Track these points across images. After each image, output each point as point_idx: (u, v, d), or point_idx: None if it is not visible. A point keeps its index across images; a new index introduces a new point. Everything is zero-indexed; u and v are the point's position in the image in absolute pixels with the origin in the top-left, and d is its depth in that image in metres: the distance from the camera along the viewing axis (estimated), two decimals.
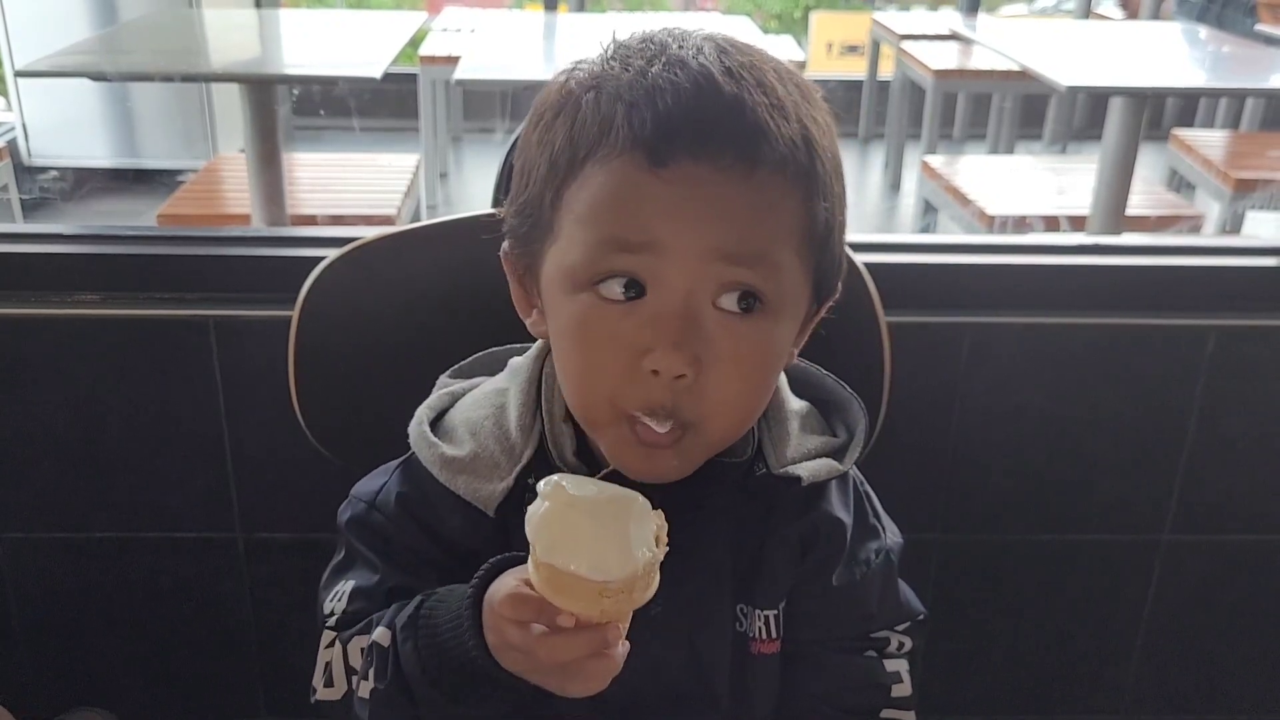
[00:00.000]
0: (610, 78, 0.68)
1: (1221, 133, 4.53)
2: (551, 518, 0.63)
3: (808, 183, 0.69)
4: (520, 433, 0.78)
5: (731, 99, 0.66)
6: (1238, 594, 1.49)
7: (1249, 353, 1.34)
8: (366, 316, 1.00)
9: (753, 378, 0.72)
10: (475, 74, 2.88)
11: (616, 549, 0.63)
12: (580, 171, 0.68)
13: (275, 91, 2.58)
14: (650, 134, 0.65)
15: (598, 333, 0.69)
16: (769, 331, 0.71)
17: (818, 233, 0.70)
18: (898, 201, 4.86)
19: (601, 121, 0.67)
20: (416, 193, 3.23)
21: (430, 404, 0.84)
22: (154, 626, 1.42)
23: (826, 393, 0.87)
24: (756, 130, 0.66)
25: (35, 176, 4.32)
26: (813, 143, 0.69)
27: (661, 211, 0.66)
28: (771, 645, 0.84)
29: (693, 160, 0.65)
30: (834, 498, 0.85)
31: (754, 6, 7.34)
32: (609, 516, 0.64)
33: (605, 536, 0.63)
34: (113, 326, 1.26)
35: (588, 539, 0.63)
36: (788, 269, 0.70)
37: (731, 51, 0.69)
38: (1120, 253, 1.38)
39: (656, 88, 0.66)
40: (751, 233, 0.67)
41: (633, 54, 0.69)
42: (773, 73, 0.69)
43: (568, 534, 0.63)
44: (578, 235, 0.69)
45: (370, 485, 0.84)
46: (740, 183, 0.66)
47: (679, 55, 0.68)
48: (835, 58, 6.46)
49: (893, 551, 0.88)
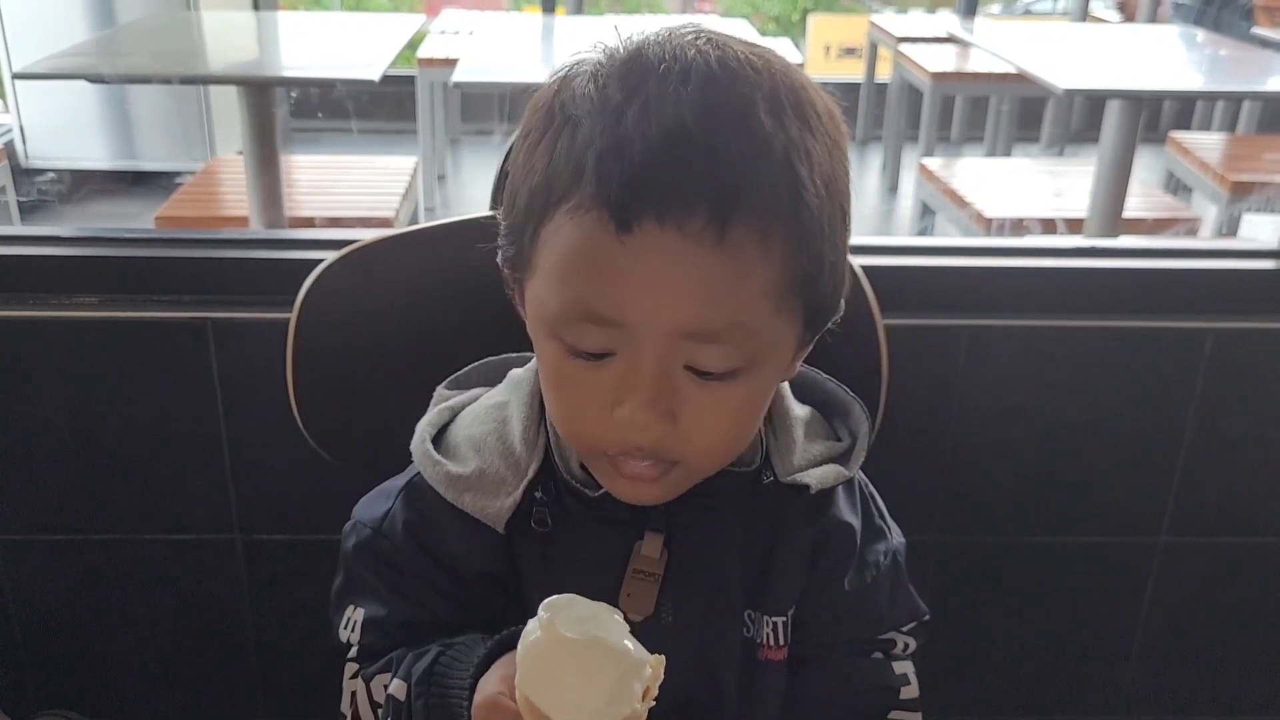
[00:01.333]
0: (588, 113, 0.64)
1: (1218, 135, 4.54)
2: (539, 650, 0.62)
3: (788, 234, 0.64)
4: (525, 447, 0.78)
5: (704, 152, 0.61)
6: (1235, 595, 1.49)
7: (1246, 355, 1.35)
8: (365, 319, 1.00)
9: (734, 424, 0.71)
10: (473, 76, 2.88)
11: (595, 701, 0.61)
12: (553, 216, 0.65)
13: (273, 94, 2.58)
14: (616, 195, 0.61)
15: (572, 381, 0.69)
16: (747, 384, 0.68)
17: (800, 282, 0.66)
18: (895, 204, 4.87)
19: (574, 167, 0.64)
20: (414, 195, 3.24)
21: (430, 420, 0.84)
22: (152, 628, 1.42)
23: (828, 396, 0.87)
24: (730, 186, 0.62)
25: (33, 179, 4.32)
26: (799, 187, 0.64)
27: (627, 285, 0.63)
28: (779, 652, 0.84)
29: (659, 227, 0.61)
30: (842, 502, 0.85)
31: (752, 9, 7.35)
32: (596, 666, 0.62)
33: (587, 684, 0.61)
34: (111, 329, 1.26)
35: (570, 683, 0.61)
36: (764, 330, 0.67)
37: (720, 80, 0.64)
38: (1117, 255, 1.39)
39: (627, 138, 0.62)
40: (721, 307, 0.64)
41: (615, 80, 0.65)
42: (765, 103, 0.64)
43: (551, 671, 0.62)
44: (551, 285, 0.67)
45: (374, 510, 0.83)
46: (710, 251, 0.62)
47: (658, 93, 0.63)
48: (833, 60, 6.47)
49: (899, 552, 0.88)
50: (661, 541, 0.79)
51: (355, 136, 4.93)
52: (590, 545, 0.79)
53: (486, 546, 0.79)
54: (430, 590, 0.81)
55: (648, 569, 0.78)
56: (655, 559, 0.78)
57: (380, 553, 0.82)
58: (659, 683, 0.64)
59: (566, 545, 0.80)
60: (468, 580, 0.81)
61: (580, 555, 0.80)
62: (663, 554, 0.79)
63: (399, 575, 0.82)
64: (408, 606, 0.81)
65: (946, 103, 4.92)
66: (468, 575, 0.81)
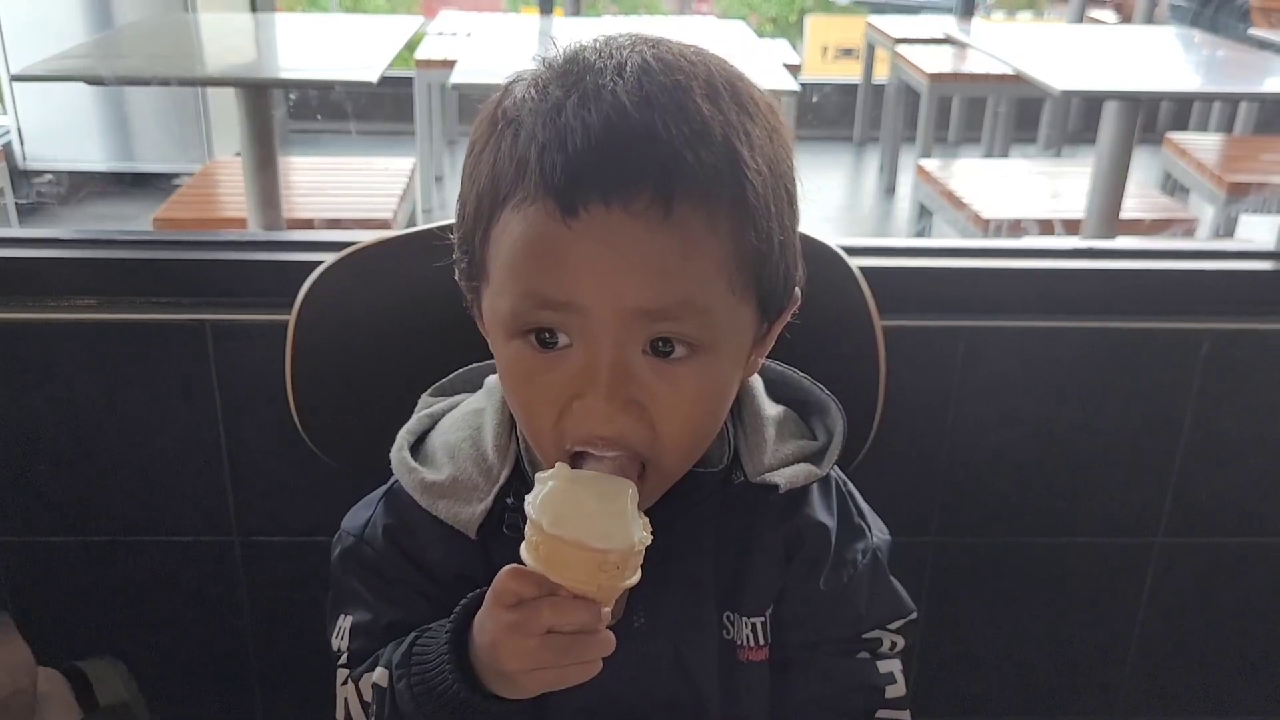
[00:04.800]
0: (528, 111, 0.66)
1: (1215, 136, 4.54)
2: (556, 495, 0.66)
3: (735, 211, 0.65)
4: (496, 453, 0.79)
5: (643, 132, 0.63)
6: (1232, 596, 1.49)
7: (1243, 356, 1.35)
8: (363, 321, 1.00)
9: (698, 412, 0.72)
10: (471, 78, 2.88)
11: (618, 522, 0.66)
12: (501, 214, 0.67)
13: (271, 96, 2.58)
14: (560, 181, 0.63)
15: (533, 378, 0.70)
16: (707, 368, 0.69)
17: (750, 260, 0.68)
18: (893, 205, 4.87)
19: (518, 164, 0.65)
20: (412, 196, 3.24)
21: (410, 428, 0.85)
22: (151, 630, 1.42)
23: (804, 394, 0.87)
24: (672, 164, 0.63)
25: (31, 180, 4.32)
26: (740, 165, 0.65)
27: (577, 269, 0.64)
28: (760, 652, 0.84)
29: (604, 207, 0.63)
30: (816, 501, 0.85)
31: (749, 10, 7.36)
32: (610, 494, 0.67)
33: (607, 511, 0.66)
34: (109, 331, 1.26)
35: (592, 512, 0.66)
36: (718, 307, 0.67)
37: (655, 71, 0.65)
38: (1115, 256, 1.39)
39: (568, 128, 0.63)
40: (672, 284, 0.65)
41: (554, 81, 0.67)
42: (701, 88, 0.66)
43: (573, 508, 0.66)
44: (503, 285, 0.68)
45: (358, 519, 0.85)
46: (657, 228, 0.63)
47: (595, 86, 0.65)
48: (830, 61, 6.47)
49: (880, 550, 0.88)
50: None
51: (353, 138, 4.93)
52: None
53: (462, 551, 0.80)
54: (412, 593, 0.82)
55: None
56: None
57: (363, 559, 0.83)
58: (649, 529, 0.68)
59: None
60: (447, 583, 0.82)
61: None
62: None
63: (382, 580, 0.83)
64: (391, 610, 0.82)
65: (944, 104, 4.92)
66: (446, 578, 0.82)
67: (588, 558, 0.65)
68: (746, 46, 3.35)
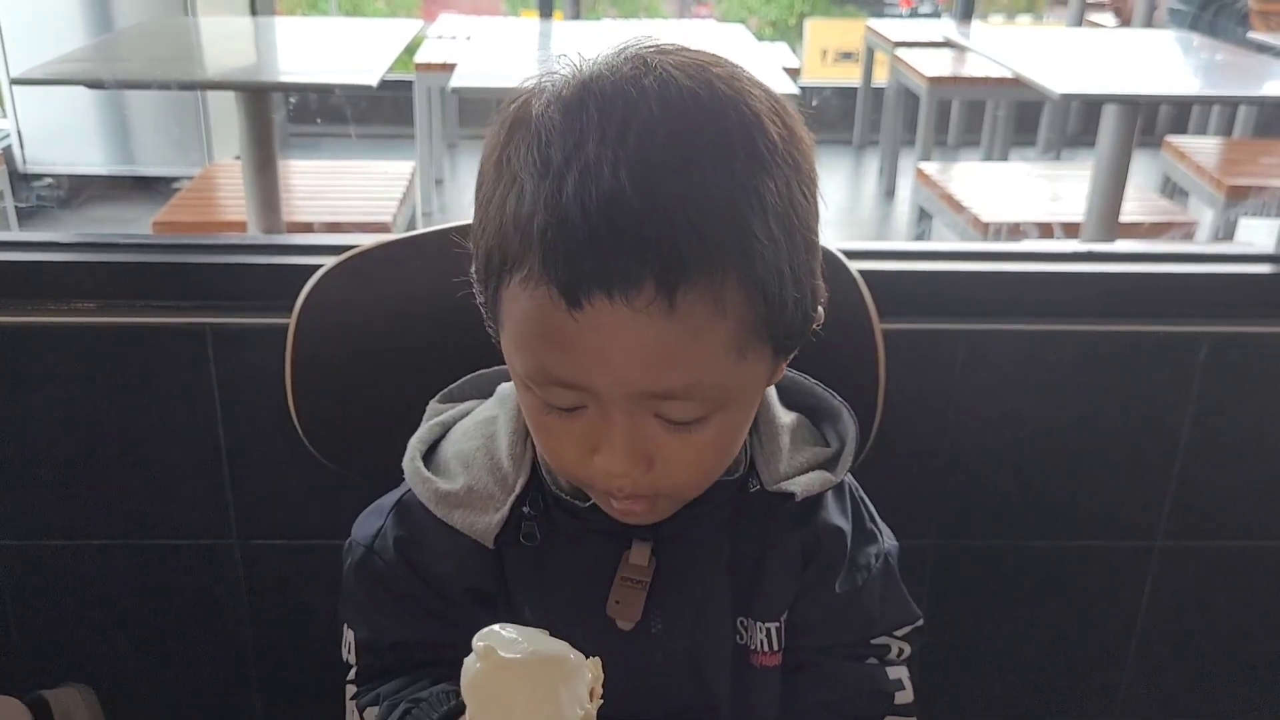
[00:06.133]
0: (529, 175, 0.62)
1: (1214, 140, 4.55)
2: (483, 681, 0.63)
3: (742, 286, 0.63)
4: (512, 462, 0.79)
5: (645, 222, 0.60)
6: (1232, 599, 1.49)
7: (1242, 359, 1.35)
8: (364, 324, 1.00)
9: (711, 460, 0.72)
10: (471, 81, 2.88)
11: (548, 713, 0.62)
12: (510, 280, 0.65)
13: (271, 99, 2.58)
14: (563, 275, 0.61)
15: (550, 428, 0.70)
16: (721, 424, 0.69)
17: (762, 325, 0.65)
18: (892, 209, 4.88)
19: (522, 235, 0.63)
20: (412, 199, 3.24)
21: (421, 436, 0.84)
22: (151, 634, 1.42)
23: (817, 401, 0.87)
24: (673, 256, 0.60)
25: (31, 184, 4.32)
26: (749, 238, 0.62)
27: (583, 355, 0.64)
28: (773, 658, 0.84)
29: (608, 301, 0.61)
30: (831, 506, 0.85)
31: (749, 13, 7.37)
32: (540, 679, 0.63)
33: (537, 699, 0.62)
34: (109, 334, 1.26)
35: (520, 702, 0.62)
36: (729, 379, 0.67)
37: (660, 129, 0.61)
38: (1114, 260, 1.39)
39: (569, 212, 0.60)
40: (679, 369, 0.64)
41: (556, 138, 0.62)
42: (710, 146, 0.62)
43: (498, 698, 0.63)
44: (515, 347, 0.68)
45: (368, 528, 0.85)
46: (661, 321, 0.61)
47: (597, 156, 0.60)
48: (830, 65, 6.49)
49: (891, 555, 0.88)
50: (649, 549, 0.79)
51: (353, 141, 4.94)
52: (579, 556, 0.80)
53: (476, 562, 0.80)
54: (419, 609, 0.82)
55: (636, 576, 0.79)
56: (644, 566, 0.79)
57: (373, 571, 0.83)
58: (601, 682, 0.65)
59: (556, 557, 0.80)
60: (456, 598, 0.82)
61: (570, 566, 0.80)
62: (651, 562, 0.79)
63: (390, 594, 0.83)
64: (397, 628, 0.83)
65: (943, 107, 4.93)
66: (456, 593, 0.82)
67: None
68: (746, 50, 3.35)
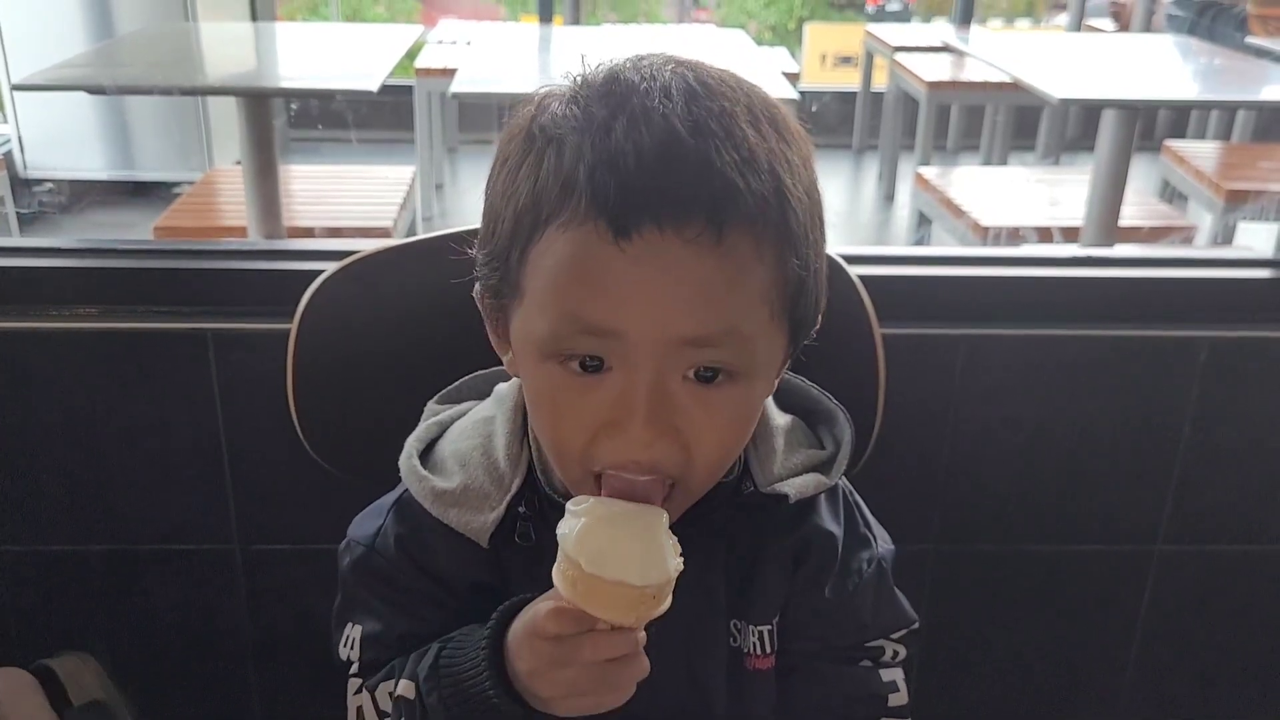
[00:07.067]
0: (572, 129, 0.65)
1: (1213, 144, 4.56)
2: (591, 531, 0.66)
3: (780, 238, 0.66)
4: (508, 462, 0.79)
5: (698, 159, 0.63)
6: (1231, 603, 1.49)
7: (1241, 364, 1.35)
8: (365, 329, 1.00)
9: (731, 436, 0.72)
10: (471, 86, 2.89)
11: (656, 556, 0.66)
12: (544, 233, 0.65)
13: (271, 104, 2.59)
14: (613, 203, 0.62)
15: (566, 402, 0.69)
16: (744, 393, 0.69)
17: (791, 287, 0.68)
18: (891, 213, 4.88)
19: (564, 183, 0.64)
20: (412, 204, 3.24)
21: (419, 435, 0.84)
22: (151, 638, 1.42)
23: (812, 403, 0.87)
24: (724, 191, 0.63)
25: (31, 189, 4.33)
26: (785, 193, 0.65)
27: (626, 294, 0.64)
28: (766, 660, 0.84)
29: (658, 231, 0.62)
30: (824, 510, 0.85)
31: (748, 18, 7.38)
32: (644, 527, 0.67)
33: (644, 545, 0.67)
34: (111, 340, 1.27)
35: (628, 548, 0.66)
36: (760, 335, 0.68)
37: (701, 95, 0.65)
38: (1113, 264, 1.39)
39: (619, 149, 0.63)
40: (720, 311, 0.65)
41: (596, 100, 0.66)
42: (745, 115, 0.66)
43: (610, 544, 0.66)
44: (542, 305, 0.67)
45: (367, 527, 0.84)
46: (708, 254, 0.63)
47: (644, 106, 0.64)
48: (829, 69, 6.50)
49: (884, 559, 0.88)
50: None
51: (353, 146, 4.95)
52: None
53: (475, 559, 0.80)
54: (425, 602, 0.82)
55: None
56: None
57: (375, 569, 0.83)
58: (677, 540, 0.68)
59: (550, 558, 0.80)
60: (460, 591, 0.82)
61: None
62: None
63: (393, 590, 0.83)
64: (404, 620, 0.82)
65: (942, 112, 4.94)
66: (459, 587, 0.82)
67: (627, 594, 0.65)
68: (745, 55, 3.36)
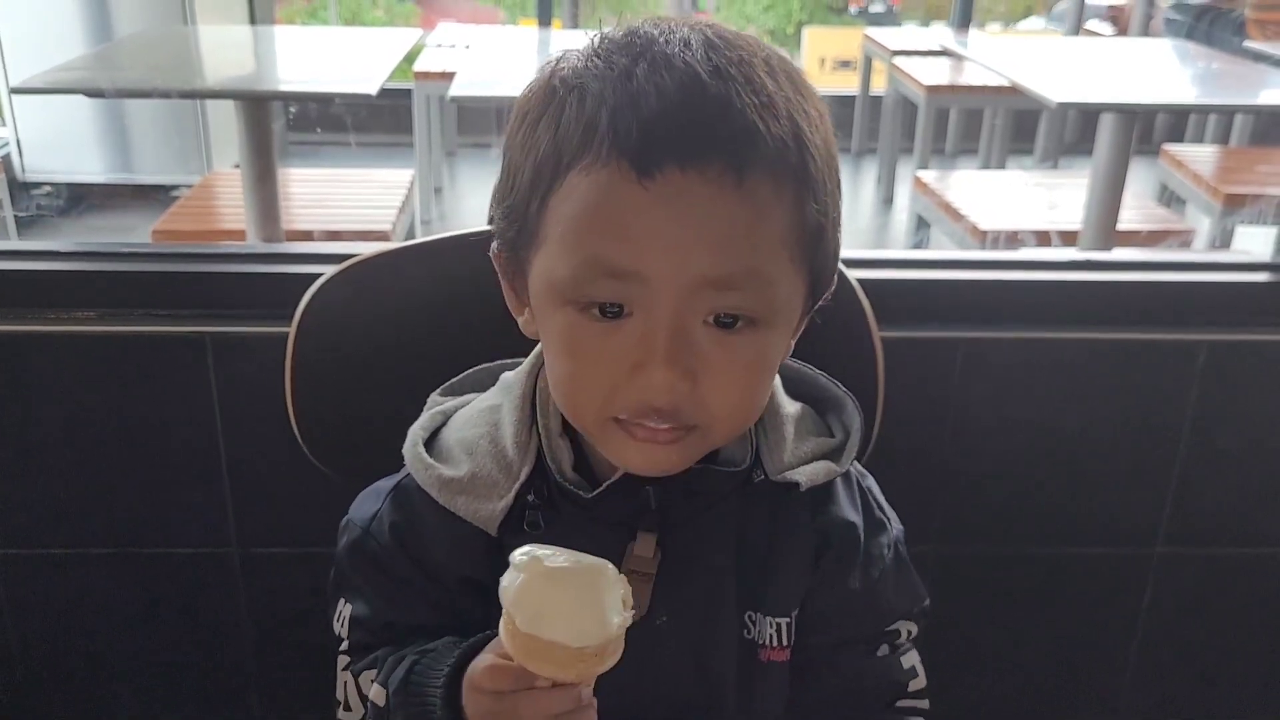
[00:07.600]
0: (593, 78, 0.66)
1: (1211, 148, 4.56)
2: (529, 589, 0.65)
3: (799, 183, 0.67)
4: (516, 450, 0.79)
5: (719, 101, 0.64)
6: (1231, 606, 1.49)
7: (1240, 367, 1.35)
8: (363, 333, 1.00)
9: (751, 383, 0.72)
10: (470, 90, 2.89)
11: (593, 617, 0.65)
12: (565, 179, 0.66)
13: (270, 108, 2.59)
14: (636, 142, 0.63)
15: (586, 347, 0.69)
16: (763, 340, 0.70)
17: (810, 234, 0.69)
18: (890, 217, 4.88)
19: (585, 127, 0.65)
20: (411, 208, 3.24)
21: (423, 424, 0.84)
22: (150, 642, 1.42)
23: (821, 391, 0.87)
24: (745, 133, 0.64)
25: (29, 192, 4.33)
26: (804, 140, 0.67)
27: (647, 234, 0.64)
28: (782, 653, 0.83)
29: (680, 170, 0.63)
30: (841, 499, 0.84)
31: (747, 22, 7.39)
32: (584, 586, 0.66)
33: (582, 605, 0.65)
34: (109, 343, 1.26)
35: (566, 608, 0.65)
36: (780, 279, 0.68)
37: (720, 45, 0.67)
38: (1112, 268, 1.39)
39: (641, 91, 0.64)
40: (741, 252, 0.66)
41: (616, 51, 0.67)
42: (763, 66, 0.67)
43: (547, 604, 0.65)
44: (563, 250, 0.67)
45: (365, 510, 0.85)
46: (730, 194, 0.64)
47: (664, 53, 0.66)
48: (828, 73, 6.50)
49: (900, 541, 0.88)
50: (655, 541, 0.79)
51: (352, 150, 4.95)
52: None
53: (474, 550, 0.79)
54: (412, 593, 0.82)
55: (641, 568, 0.79)
56: (649, 558, 0.79)
57: (368, 552, 0.83)
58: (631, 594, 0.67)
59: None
60: (449, 585, 0.82)
61: None
62: (656, 553, 0.79)
63: (383, 577, 0.83)
64: (389, 609, 0.83)
65: (941, 115, 4.94)
66: (450, 580, 0.82)
67: (564, 653, 0.65)
68: None
